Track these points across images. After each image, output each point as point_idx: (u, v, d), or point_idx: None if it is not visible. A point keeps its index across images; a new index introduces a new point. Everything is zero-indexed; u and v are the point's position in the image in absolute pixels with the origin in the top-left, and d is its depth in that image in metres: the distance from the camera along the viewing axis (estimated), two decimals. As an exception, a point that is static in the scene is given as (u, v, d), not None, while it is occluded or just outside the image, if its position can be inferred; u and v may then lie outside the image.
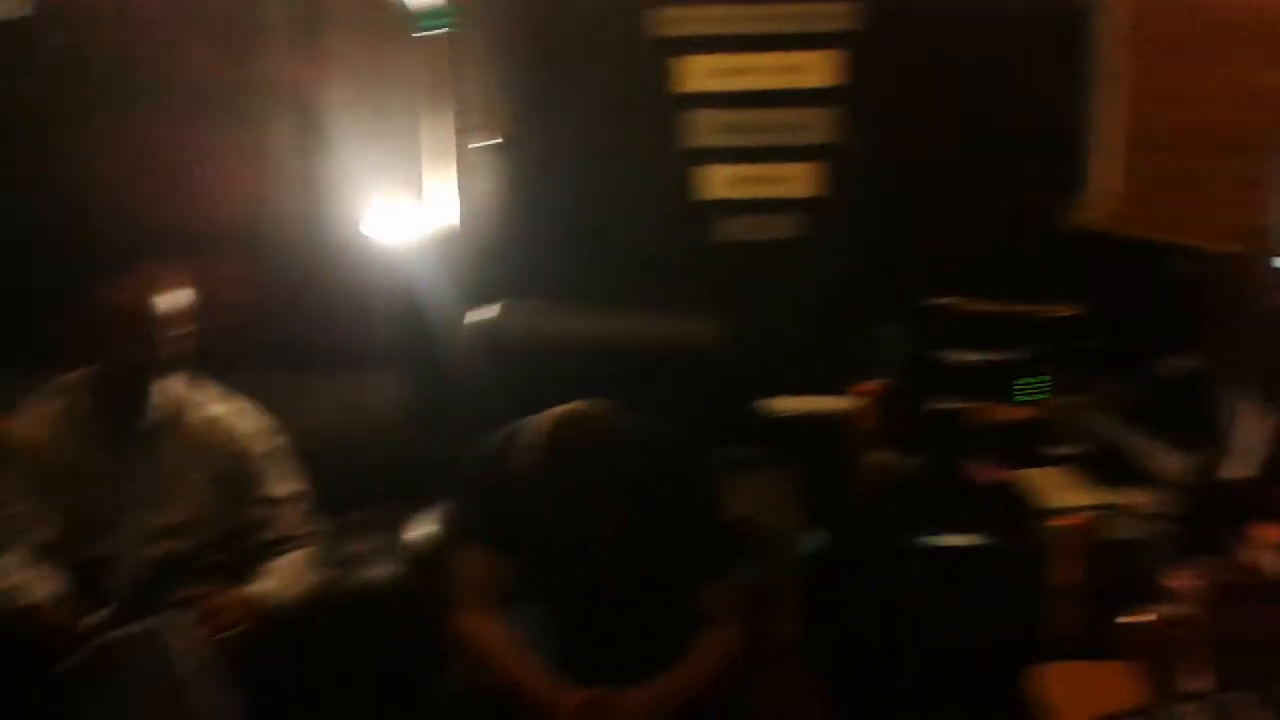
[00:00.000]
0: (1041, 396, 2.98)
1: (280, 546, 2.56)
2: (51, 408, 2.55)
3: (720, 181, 3.27)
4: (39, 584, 2.36)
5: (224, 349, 2.67)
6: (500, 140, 3.10)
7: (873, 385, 3.03)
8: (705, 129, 3.25)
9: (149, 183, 3.15)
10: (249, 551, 2.54)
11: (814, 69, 3.20)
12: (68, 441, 2.51)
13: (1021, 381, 2.99)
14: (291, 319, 3.16)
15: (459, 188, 3.10)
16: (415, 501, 2.84)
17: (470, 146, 3.12)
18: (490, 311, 2.89)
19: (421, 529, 2.73)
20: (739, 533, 2.42)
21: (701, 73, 3.21)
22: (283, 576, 2.49)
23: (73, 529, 2.47)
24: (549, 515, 2.17)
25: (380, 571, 2.69)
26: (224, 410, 2.61)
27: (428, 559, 2.63)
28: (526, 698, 2.16)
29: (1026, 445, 2.90)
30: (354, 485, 2.95)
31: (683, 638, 2.25)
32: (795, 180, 3.27)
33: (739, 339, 2.90)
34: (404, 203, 3.07)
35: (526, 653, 2.23)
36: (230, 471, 2.56)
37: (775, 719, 2.31)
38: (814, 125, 3.24)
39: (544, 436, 2.17)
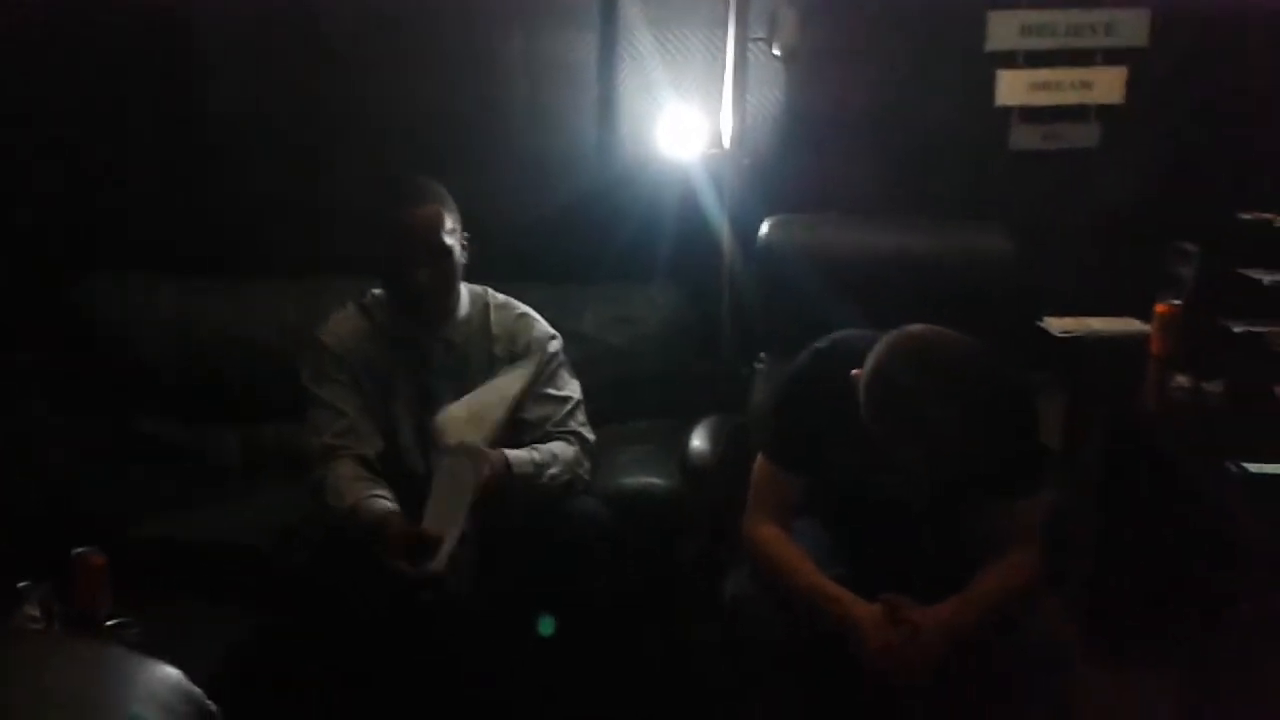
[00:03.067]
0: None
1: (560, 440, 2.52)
2: (357, 323, 2.53)
3: (1019, 87, 3.12)
4: (379, 499, 2.34)
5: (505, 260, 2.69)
6: (791, 50, 3.01)
7: (1169, 306, 2.87)
8: (1004, 32, 3.09)
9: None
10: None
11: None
12: (378, 357, 2.50)
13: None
14: (576, 232, 3.19)
15: (750, 100, 3.03)
16: (687, 415, 2.85)
17: (771, 55, 3.03)
18: (779, 224, 2.85)
19: (699, 441, 2.72)
20: (1045, 455, 2.33)
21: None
22: (544, 453, 2.45)
23: (388, 446, 2.47)
24: (880, 430, 2.05)
25: (656, 480, 2.70)
26: (522, 313, 2.61)
27: (706, 471, 2.62)
28: (821, 606, 2.13)
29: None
30: (627, 396, 3.00)
31: (967, 558, 2.18)
32: (1098, 86, 3.10)
33: (1029, 253, 2.78)
34: (699, 117, 3.04)
35: (815, 564, 2.19)
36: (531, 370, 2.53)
37: (1048, 648, 2.21)
38: (1122, 28, 3.06)
39: (895, 354, 2.04)
